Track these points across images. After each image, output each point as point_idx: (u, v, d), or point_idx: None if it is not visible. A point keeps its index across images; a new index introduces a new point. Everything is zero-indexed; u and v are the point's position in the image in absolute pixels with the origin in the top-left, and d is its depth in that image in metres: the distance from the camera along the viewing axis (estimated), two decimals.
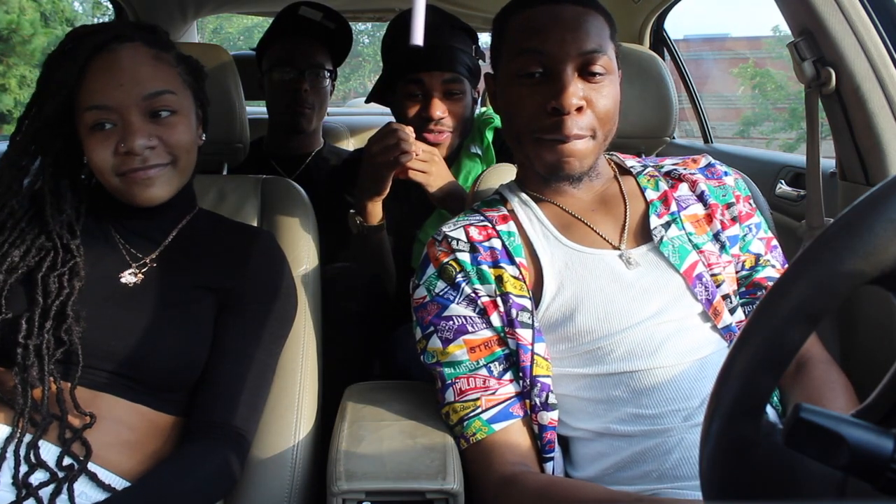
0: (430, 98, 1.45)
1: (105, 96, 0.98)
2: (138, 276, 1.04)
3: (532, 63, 0.99)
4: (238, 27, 15.26)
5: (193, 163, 1.07)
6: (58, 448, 0.92)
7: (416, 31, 0.60)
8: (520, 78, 1.00)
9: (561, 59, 0.97)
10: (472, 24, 2.67)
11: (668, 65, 2.26)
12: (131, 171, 0.99)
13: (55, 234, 1.00)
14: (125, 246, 1.06)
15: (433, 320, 1.00)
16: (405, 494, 0.88)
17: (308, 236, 1.26)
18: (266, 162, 1.88)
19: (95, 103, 0.98)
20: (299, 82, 1.80)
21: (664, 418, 0.93)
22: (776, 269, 1.07)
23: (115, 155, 0.99)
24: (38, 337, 0.93)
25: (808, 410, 0.47)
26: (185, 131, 1.03)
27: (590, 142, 1.00)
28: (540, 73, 0.99)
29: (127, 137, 0.97)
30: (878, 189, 0.52)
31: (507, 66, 1.02)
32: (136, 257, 1.06)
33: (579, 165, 1.00)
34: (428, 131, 1.45)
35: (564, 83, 0.96)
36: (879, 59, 1.07)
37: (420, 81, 1.44)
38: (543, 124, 0.98)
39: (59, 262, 0.98)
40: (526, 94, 0.99)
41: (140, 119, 0.99)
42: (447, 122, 1.46)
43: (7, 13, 8.79)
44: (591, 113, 0.99)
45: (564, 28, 0.98)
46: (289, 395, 1.10)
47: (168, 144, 1.01)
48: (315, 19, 1.82)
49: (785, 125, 12.26)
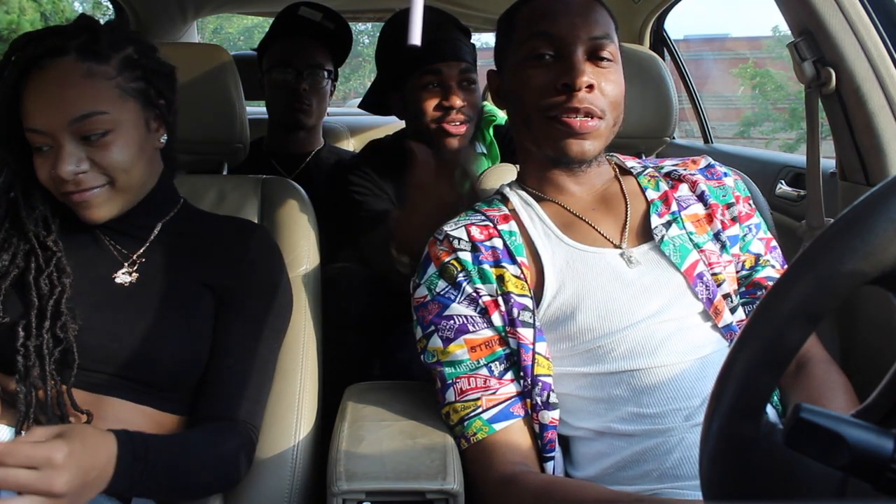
0: (449, 88, 1.47)
1: (36, 119, 0.95)
2: (133, 275, 1.03)
3: (542, 45, 1.00)
4: (238, 27, 15.26)
5: (139, 176, 1.03)
6: None
7: (414, 31, 0.60)
8: (530, 60, 1.01)
9: (571, 41, 0.98)
10: (472, 23, 2.68)
11: (668, 65, 2.26)
12: (68, 193, 0.98)
13: (31, 233, 0.99)
14: (114, 245, 1.06)
15: (434, 319, 1.00)
16: (405, 494, 0.88)
17: (308, 236, 1.26)
18: (266, 161, 1.89)
19: (30, 126, 0.96)
20: (298, 82, 1.81)
21: (665, 418, 0.93)
22: (776, 269, 1.08)
23: (52, 178, 0.97)
24: (38, 338, 0.93)
25: (808, 410, 0.47)
26: (122, 150, 0.98)
27: (599, 123, 0.99)
28: (550, 56, 1.00)
29: (56, 164, 0.95)
30: (877, 189, 0.52)
31: (517, 53, 1.03)
32: (126, 256, 1.05)
33: (588, 148, 1.00)
34: (449, 122, 1.46)
35: (575, 62, 0.98)
36: (879, 59, 1.07)
37: (437, 72, 1.47)
38: (554, 101, 0.98)
39: (43, 263, 0.98)
40: (536, 74, 1.00)
41: (71, 143, 0.95)
42: (466, 112, 1.48)
43: (7, 13, 8.80)
44: (599, 94, 0.99)
45: (574, 14, 1.00)
46: (289, 395, 1.10)
47: (101, 166, 0.97)
48: (315, 20, 1.83)
49: (785, 125, 12.26)
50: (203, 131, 1.32)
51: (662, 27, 2.47)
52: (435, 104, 1.47)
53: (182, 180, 1.31)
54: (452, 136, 1.47)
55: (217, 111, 1.32)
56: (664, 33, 2.48)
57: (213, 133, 1.34)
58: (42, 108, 0.95)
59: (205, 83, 1.31)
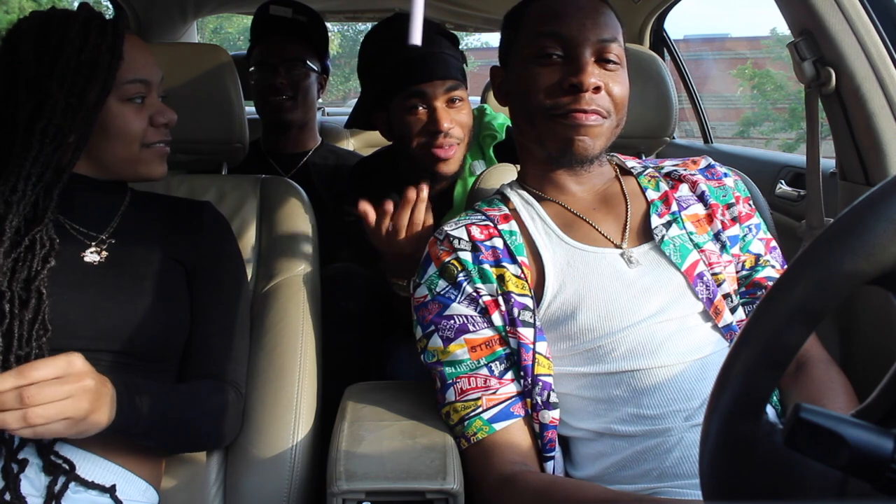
0: (435, 109, 1.38)
1: None
2: (101, 253, 1.04)
3: (551, 45, 1.00)
4: (238, 27, 15.26)
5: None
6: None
7: (415, 31, 0.60)
8: (538, 59, 1.01)
9: (580, 42, 0.99)
10: (472, 24, 2.69)
11: (668, 65, 2.26)
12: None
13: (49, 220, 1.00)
14: (76, 227, 1.05)
15: (434, 319, 1.00)
16: (405, 494, 0.88)
17: (308, 236, 1.26)
18: (264, 159, 1.89)
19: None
20: (275, 77, 1.81)
21: (665, 419, 0.93)
22: (776, 269, 1.08)
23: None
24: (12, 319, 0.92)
25: (808, 410, 0.47)
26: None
27: (603, 122, 1.00)
28: (558, 56, 1.00)
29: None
30: (877, 189, 0.52)
31: (524, 51, 1.03)
32: (91, 236, 1.05)
33: (591, 145, 1.00)
34: (437, 146, 1.38)
35: (583, 63, 0.98)
36: (879, 59, 1.07)
37: (421, 94, 1.37)
38: (560, 101, 0.99)
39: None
40: (543, 73, 1.00)
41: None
42: (456, 133, 1.39)
43: (7, 13, 8.80)
44: (606, 95, 1.00)
45: (584, 15, 1.00)
46: (287, 395, 1.10)
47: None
48: (286, 16, 1.83)
49: (785, 125, 12.27)
50: (202, 131, 1.32)
51: (662, 27, 2.48)
52: (420, 128, 1.38)
53: (182, 180, 1.31)
54: (442, 160, 1.39)
55: (216, 111, 1.32)
56: (664, 33, 2.48)
57: (212, 133, 1.34)
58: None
59: (204, 83, 1.31)
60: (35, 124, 0.96)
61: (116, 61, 1.00)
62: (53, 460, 0.92)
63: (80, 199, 1.05)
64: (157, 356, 1.02)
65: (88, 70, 0.98)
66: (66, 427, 0.80)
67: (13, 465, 0.90)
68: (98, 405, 0.82)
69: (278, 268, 1.22)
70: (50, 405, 0.77)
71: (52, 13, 1.01)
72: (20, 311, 0.91)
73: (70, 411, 0.79)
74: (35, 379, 0.77)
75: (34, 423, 0.77)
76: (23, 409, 0.76)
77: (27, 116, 0.96)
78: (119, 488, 0.95)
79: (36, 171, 0.96)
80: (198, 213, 1.15)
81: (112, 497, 0.94)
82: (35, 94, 0.97)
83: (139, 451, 0.99)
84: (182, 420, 0.98)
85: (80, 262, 1.02)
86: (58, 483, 0.91)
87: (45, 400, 0.77)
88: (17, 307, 0.91)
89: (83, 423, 0.81)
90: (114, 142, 1.03)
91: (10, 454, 0.90)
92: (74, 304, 0.97)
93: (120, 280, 1.02)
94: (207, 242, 1.13)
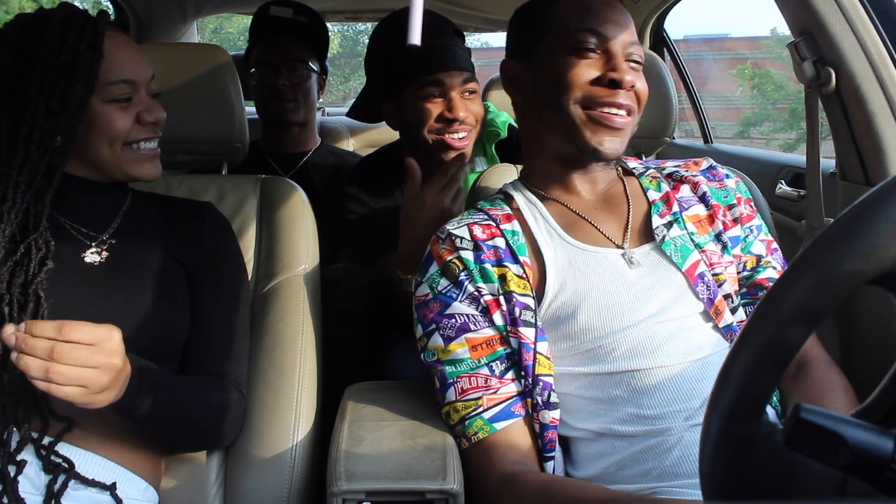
0: (451, 99, 1.41)
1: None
2: (102, 254, 1.04)
3: (589, 40, 1.01)
4: (238, 27, 15.24)
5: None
6: (50, 438, 0.93)
7: (414, 31, 0.60)
8: (577, 51, 1.01)
9: (617, 41, 1.01)
10: (472, 24, 2.68)
11: (668, 65, 2.26)
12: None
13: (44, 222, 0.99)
14: (76, 227, 1.05)
15: (435, 318, 1.00)
16: (405, 494, 0.88)
17: (307, 236, 1.26)
18: (264, 159, 1.89)
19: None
20: (277, 78, 1.81)
21: (665, 419, 0.93)
22: (777, 270, 1.08)
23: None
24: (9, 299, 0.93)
25: (808, 410, 0.47)
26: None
27: (630, 120, 1.02)
28: (595, 51, 1.01)
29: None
30: (877, 189, 0.52)
31: (558, 43, 1.03)
32: (91, 237, 1.05)
33: (620, 147, 1.02)
34: (451, 133, 1.42)
35: (621, 61, 1.00)
36: (879, 59, 1.07)
37: (439, 83, 1.41)
38: (596, 92, 1.00)
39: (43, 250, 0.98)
40: (584, 65, 1.01)
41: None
42: (470, 122, 1.44)
43: (7, 13, 8.80)
44: (634, 95, 1.02)
45: (617, 17, 1.02)
46: (287, 395, 1.10)
47: None
48: (287, 17, 1.83)
49: (785, 125, 12.27)
50: (202, 131, 1.32)
51: (662, 27, 2.48)
52: (436, 115, 1.42)
53: (182, 180, 1.31)
54: (453, 148, 1.42)
55: (216, 111, 1.32)
56: (664, 33, 2.48)
57: (212, 133, 1.34)
58: None
59: (204, 83, 1.31)
60: (18, 131, 0.95)
61: (97, 60, 0.98)
62: (53, 459, 0.92)
63: (80, 200, 1.05)
64: (158, 356, 1.01)
65: (68, 71, 0.96)
66: (78, 394, 0.80)
67: (11, 468, 0.90)
68: (114, 384, 0.83)
69: (278, 268, 1.22)
70: (74, 368, 0.78)
71: (34, 16, 0.99)
72: (19, 315, 0.91)
73: (89, 381, 0.79)
74: (71, 338, 0.78)
75: (52, 380, 0.77)
76: (49, 362, 0.77)
77: (9, 124, 0.95)
78: (119, 487, 0.95)
79: (24, 178, 0.94)
80: (198, 213, 1.15)
81: (112, 495, 0.94)
82: (15, 102, 0.95)
83: (139, 450, 0.99)
84: (183, 411, 0.98)
85: (81, 262, 1.02)
86: (58, 481, 0.91)
87: (72, 361, 0.78)
88: (16, 311, 0.91)
89: (94, 396, 0.81)
90: (99, 141, 1.01)
91: (7, 456, 0.90)
92: (75, 304, 0.96)
93: (120, 280, 1.02)
94: (208, 243, 1.12)
